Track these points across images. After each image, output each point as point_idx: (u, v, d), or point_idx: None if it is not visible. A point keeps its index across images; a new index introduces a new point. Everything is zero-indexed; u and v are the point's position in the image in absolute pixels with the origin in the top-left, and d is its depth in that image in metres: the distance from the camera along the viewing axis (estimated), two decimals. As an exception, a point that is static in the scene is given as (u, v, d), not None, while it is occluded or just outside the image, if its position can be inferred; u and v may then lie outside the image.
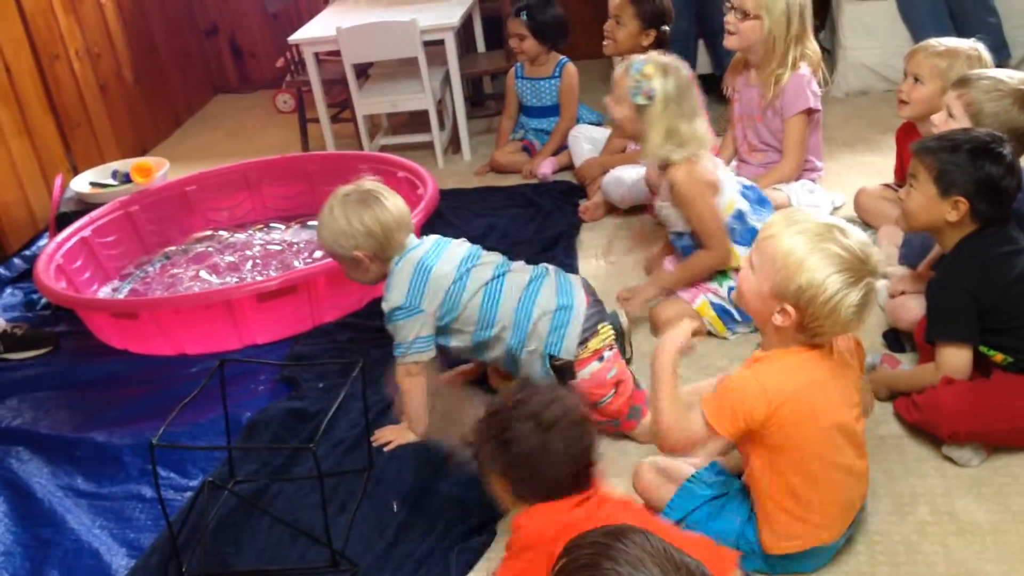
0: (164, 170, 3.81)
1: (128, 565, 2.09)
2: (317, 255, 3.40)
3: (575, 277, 2.33)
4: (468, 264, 2.26)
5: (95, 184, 3.78)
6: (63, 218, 3.53)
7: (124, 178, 3.80)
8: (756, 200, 2.71)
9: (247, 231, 3.71)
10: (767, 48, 3.05)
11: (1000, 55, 3.90)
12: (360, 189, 2.24)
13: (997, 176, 1.99)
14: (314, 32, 4.20)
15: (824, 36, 4.56)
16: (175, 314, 2.86)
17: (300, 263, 3.37)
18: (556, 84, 3.93)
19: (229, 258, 3.47)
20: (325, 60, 4.40)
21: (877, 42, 4.29)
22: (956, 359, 2.05)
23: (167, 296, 3.21)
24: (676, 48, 3.16)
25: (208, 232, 3.72)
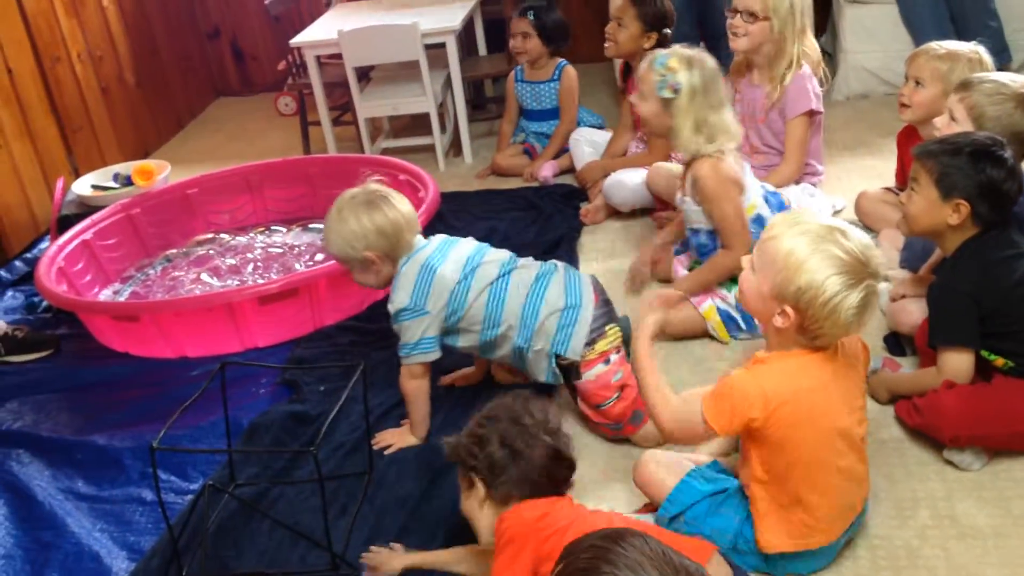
0: (165, 173, 3.81)
1: (128, 568, 2.09)
2: (318, 258, 3.40)
3: (585, 275, 2.31)
4: (473, 263, 2.26)
5: (96, 187, 3.78)
6: (64, 221, 3.53)
7: (125, 181, 3.79)
8: (777, 207, 2.70)
9: (248, 234, 3.71)
10: (777, 48, 3.06)
11: (1001, 59, 3.90)
12: (367, 191, 2.24)
13: (998, 179, 1.99)
14: (316, 35, 4.21)
15: (825, 39, 4.56)
16: (176, 317, 2.86)
17: (301, 266, 3.37)
18: (556, 87, 3.93)
19: (230, 261, 3.47)
20: (327, 63, 4.40)
21: (878, 46, 4.29)
22: (958, 363, 2.05)
23: (168, 299, 3.21)
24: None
25: (209, 235, 3.72)
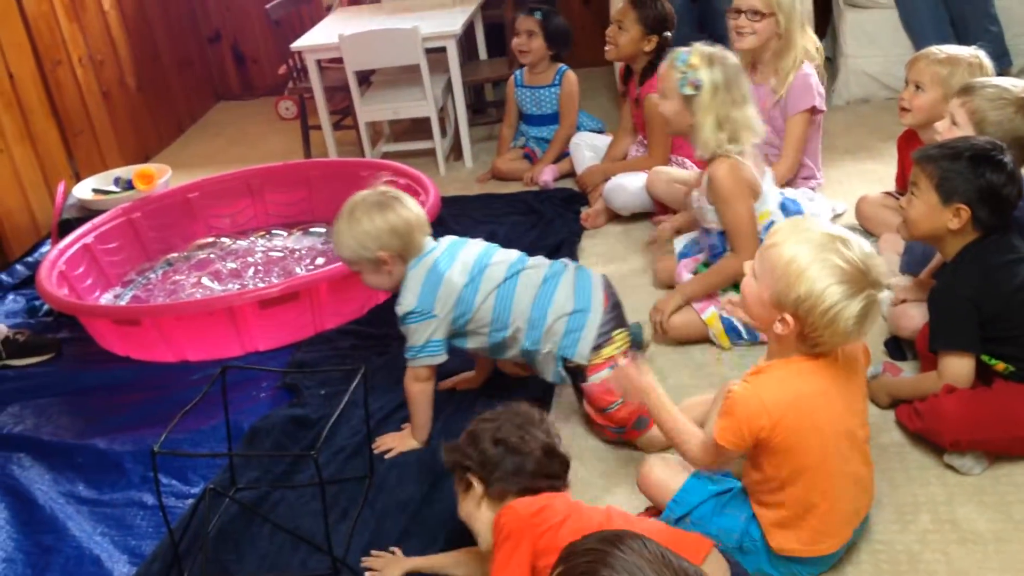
0: (166, 177, 3.81)
1: (129, 572, 2.09)
2: (319, 262, 3.40)
3: (596, 277, 2.30)
4: (481, 264, 2.26)
5: (97, 191, 3.79)
6: (65, 224, 3.53)
7: (126, 185, 3.80)
8: (795, 215, 2.66)
9: (249, 238, 3.71)
10: (784, 42, 3.07)
11: (1001, 63, 3.91)
12: (378, 192, 2.25)
13: (998, 184, 1.99)
14: (316, 39, 4.21)
15: (825, 44, 4.56)
16: (177, 321, 2.86)
17: (302, 270, 3.37)
18: (556, 92, 3.93)
19: (231, 265, 3.47)
20: (327, 67, 4.40)
21: (878, 50, 4.29)
22: (959, 368, 2.05)
23: (169, 303, 3.21)
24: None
25: (210, 239, 3.72)
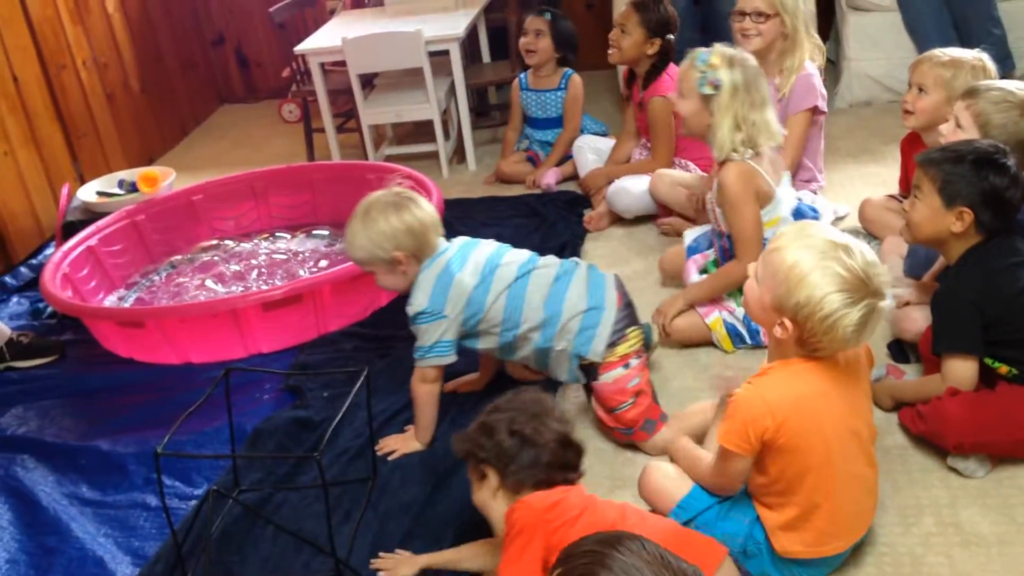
0: (170, 180, 3.81)
1: (132, 574, 2.09)
2: (322, 264, 3.41)
3: (609, 276, 2.30)
4: (492, 265, 2.25)
5: (101, 193, 3.79)
6: (69, 227, 3.54)
7: (130, 187, 3.81)
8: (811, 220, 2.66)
9: (253, 240, 3.72)
10: (790, 43, 3.08)
11: (1005, 66, 3.90)
12: (392, 192, 2.25)
13: (1001, 187, 1.99)
14: (320, 42, 4.22)
15: (828, 47, 4.56)
16: (181, 323, 2.86)
17: (305, 272, 3.37)
18: (562, 96, 3.92)
19: (235, 267, 3.48)
20: (331, 70, 4.41)
21: (881, 53, 4.30)
22: (962, 371, 2.05)
23: (173, 305, 3.21)
24: (681, 57, 3.16)
25: (214, 241, 3.73)
